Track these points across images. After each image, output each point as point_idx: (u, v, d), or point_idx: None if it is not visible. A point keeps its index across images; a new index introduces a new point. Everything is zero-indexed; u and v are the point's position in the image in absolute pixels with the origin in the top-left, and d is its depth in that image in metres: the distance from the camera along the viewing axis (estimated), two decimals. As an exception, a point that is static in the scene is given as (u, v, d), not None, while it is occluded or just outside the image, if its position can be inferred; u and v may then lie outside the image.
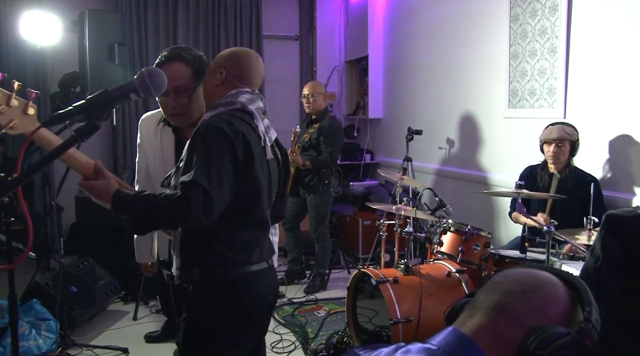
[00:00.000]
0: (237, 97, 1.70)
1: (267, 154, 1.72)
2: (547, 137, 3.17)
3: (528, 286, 0.85)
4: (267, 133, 1.76)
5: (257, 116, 1.71)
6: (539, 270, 0.89)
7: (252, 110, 1.70)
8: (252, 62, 1.79)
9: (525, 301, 0.83)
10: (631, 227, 1.44)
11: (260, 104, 1.76)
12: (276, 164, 1.84)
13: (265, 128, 1.75)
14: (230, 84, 1.74)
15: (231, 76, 1.75)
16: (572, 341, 0.78)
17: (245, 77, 1.77)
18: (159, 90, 1.16)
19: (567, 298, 0.85)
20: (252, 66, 1.79)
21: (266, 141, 1.73)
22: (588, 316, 0.80)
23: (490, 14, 4.02)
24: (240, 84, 1.75)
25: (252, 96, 1.74)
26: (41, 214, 4.46)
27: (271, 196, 1.81)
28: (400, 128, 5.13)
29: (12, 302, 2.01)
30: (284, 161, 1.92)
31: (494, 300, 0.86)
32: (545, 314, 0.82)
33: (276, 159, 1.84)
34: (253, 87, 1.79)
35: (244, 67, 1.77)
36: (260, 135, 1.69)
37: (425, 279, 2.82)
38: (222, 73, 1.75)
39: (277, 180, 1.86)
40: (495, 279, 0.91)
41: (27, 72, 5.06)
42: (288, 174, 1.96)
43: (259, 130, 1.69)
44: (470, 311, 0.89)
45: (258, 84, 1.83)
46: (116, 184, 1.53)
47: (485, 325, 0.84)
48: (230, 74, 1.75)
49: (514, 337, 0.81)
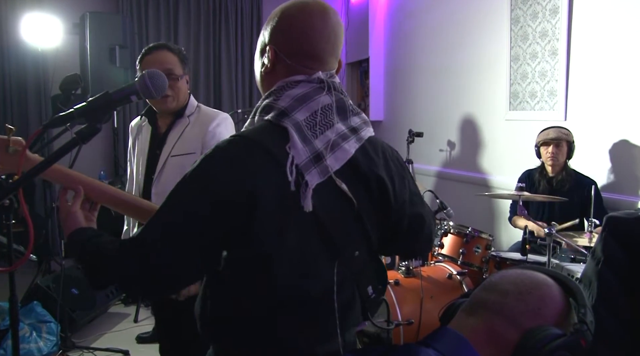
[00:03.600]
0: (280, 95, 1.09)
1: (305, 204, 1.02)
2: (545, 138, 3.19)
3: (524, 287, 0.86)
4: (323, 159, 1.04)
5: (294, 136, 1.03)
6: (534, 272, 0.89)
7: (289, 125, 1.04)
8: (314, 21, 1.11)
9: (521, 302, 0.84)
10: (632, 229, 1.44)
11: (326, 99, 1.10)
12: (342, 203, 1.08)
13: (315, 152, 1.04)
14: (285, 69, 1.12)
15: (284, 55, 1.12)
16: (567, 342, 0.78)
17: (307, 51, 1.11)
18: (160, 92, 1.16)
19: (562, 300, 0.85)
20: (315, 29, 1.11)
21: (307, 181, 1.02)
22: (583, 318, 0.81)
23: (491, 16, 4.02)
24: (300, 65, 1.11)
25: (309, 87, 1.10)
26: (42, 217, 4.46)
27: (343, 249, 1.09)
28: (401, 130, 5.13)
29: (13, 304, 2.01)
30: (382, 189, 1.15)
31: (490, 301, 0.86)
32: (540, 315, 0.82)
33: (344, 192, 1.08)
34: (323, 66, 1.13)
35: (301, 35, 1.11)
36: (289, 172, 1.01)
37: (426, 281, 2.82)
38: (271, 52, 1.13)
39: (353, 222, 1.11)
40: (491, 280, 0.91)
41: (28, 75, 5.07)
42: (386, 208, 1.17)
43: (288, 165, 1.01)
44: (465, 312, 0.89)
45: (332, 55, 1.15)
46: (82, 222, 1.17)
47: (481, 325, 0.84)
48: (281, 50, 1.12)
49: (510, 338, 0.82)
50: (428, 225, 1.28)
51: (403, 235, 1.24)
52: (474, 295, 0.91)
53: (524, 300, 0.84)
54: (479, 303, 0.88)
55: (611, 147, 3.15)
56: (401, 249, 1.36)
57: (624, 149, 3.08)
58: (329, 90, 1.11)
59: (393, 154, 1.24)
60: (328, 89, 1.11)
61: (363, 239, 1.13)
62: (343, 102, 1.13)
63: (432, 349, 0.82)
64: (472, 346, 0.81)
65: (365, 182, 1.12)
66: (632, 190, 3.07)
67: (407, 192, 1.22)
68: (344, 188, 1.06)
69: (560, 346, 0.78)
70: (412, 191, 1.25)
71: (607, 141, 3.16)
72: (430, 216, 1.30)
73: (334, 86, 1.13)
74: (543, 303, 0.84)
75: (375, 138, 1.20)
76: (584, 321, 0.81)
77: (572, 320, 0.84)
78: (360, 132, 1.14)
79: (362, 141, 1.13)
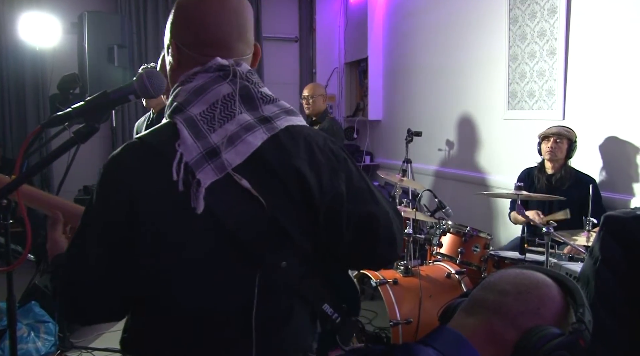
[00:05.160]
0: (179, 91, 1.02)
1: (196, 205, 0.92)
2: (547, 132, 3.21)
3: (523, 287, 0.86)
4: (219, 154, 0.95)
5: (184, 131, 0.95)
6: (533, 271, 0.89)
7: (178, 121, 0.97)
8: (209, 6, 1.02)
9: (520, 302, 0.84)
10: (630, 228, 1.44)
11: (226, 88, 1.00)
12: (247, 208, 0.96)
13: (209, 147, 0.95)
14: (191, 61, 1.03)
15: (184, 47, 1.03)
16: (566, 342, 0.79)
17: (206, 38, 1.02)
18: (158, 91, 1.16)
19: (560, 300, 0.86)
20: (211, 14, 1.01)
21: (199, 180, 0.92)
22: (581, 317, 0.81)
23: (490, 15, 4.03)
24: (202, 55, 1.02)
25: (206, 78, 1.00)
26: (40, 217, 4.46)
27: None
28: (399, 130, 5.13)
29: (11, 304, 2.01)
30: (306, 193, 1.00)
31: (489, 300, 0.87)
32: (539, 315, 0.83)
33: (252, 199, 0.95)
34: (228, 53, 1.03)
35: (198, 22, 1.02)
36: (174, 171, 0.92)
37: (424, 280, 2.82)
38: (172, 47, 1.05)
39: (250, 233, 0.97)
40: (490, 279, 0.91)
41: (26, 74, 5.07)
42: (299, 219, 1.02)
43: (175, 163, 0.93)
44: (464, 311, 0.89)
45: (239, 40, 1.05)
46: (62, 248, 1.16)
47: (480, 325, 0.84)
48: (182, 43, 1.03)
49: (508, 337, 0.82)
50: (385, 225, 1.07)
51: (349, 237, 1.04)
52: (473, 295, 0.91)
53: (523, 299, 0.84)
54: (479, 302, 0.88)
55: (609, 146, 3.16)
56: (357, 257, 1.11)
57: (621, 148, 3.08)
58: (231, 78, 1.00)
59: (326, 144, 1.06)
60: (229, 77, 1.00)
61: (290, 247, 0.99)
62: (248, 89, 1.01)
63: (431, 348, 0.82)
64: (472, 345, 0.82)
65: (277, 177, 0.98)
66: (627, 188, 3.08)
67: (343, 187, 1.03)
68: (245, 185, 0.94)
69: (559, 346, 0.78)
70: (355, 186, 1.05)
71: (606, 139, 3.17)
72: (388, 215, 1.09)
73: (239, 74, 1.01)
74: (542, 302, 0.84)
75: (301, 127, 1.05)
76: (582, 320, 0.81)
77: (570, 319, 0.84)
78: (275, 121, 1.01)
79: (276, 130, 1.00)
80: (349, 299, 1.07)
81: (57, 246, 1.17)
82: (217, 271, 0.95)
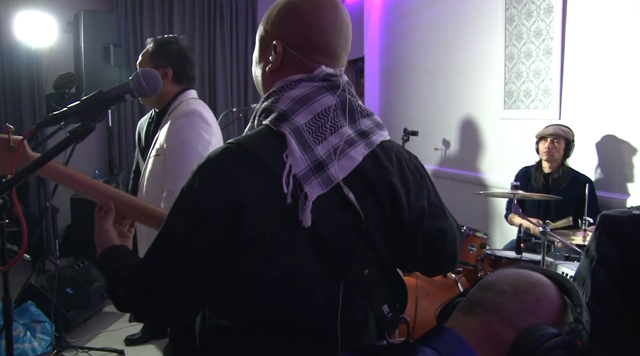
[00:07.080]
0: (279, 97, 0.99)
1: (303, 218, 0.92)
2: (544, 133, 3.22)
3: (520, 286, 0.86)
4: (325, 168, 0.94)
5: (292, 143, 0.93)
6: (531, 271, 0.90)
7: (286, 131, 0.94)
8: (325, 11, 1.01)
9: (518, 302, 0.84)
10: (625, 228, 1.45)
11: (329, 100, 0.99)
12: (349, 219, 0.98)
13: (316, 160, 0.95)
14: (296, 65, 1.01)
15: (292, 49, 1.01)
16: (563, 341, 0.79)
17: (319, 44, 1.01)
18: (154, 91, 1.16)
19: (558, 299, 0.86)
20: (327, 19, 1.01)
21: (307, 193, 0.92)
22: (578, 317, 0.81)
23: (486, 15, 4.03)
24: (311, 61, 1.01)
25: (310, 87, 0.99)
26: (36, 216, 4.45)
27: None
28: (396, 129, 5.13)
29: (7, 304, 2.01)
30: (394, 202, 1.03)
31: (487, 300, 0.87)
32: (536, 314, 0.83)
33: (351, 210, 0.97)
34: (335, 62, 1.04)
35: (313, 25, 1.00)
36: (284, 184, 0.91)
37: (421, 280, 2.82)
38: (277, 47, 1.01)
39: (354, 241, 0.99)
40: (488, 279, 0.91)
41: (22, 74, 5.05)
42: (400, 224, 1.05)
43: (284, 175, 0.91)
44: (462, 311, 0.90)
45: (344, 49, 1.06)
46: (113, 241, 1.12)
47: (478, 325, 0.85)
48: (289, 44, 1.01)
49: (506, 337, 0.82)
50: (451, 241, 1.13)
51: (421, 251, 1.09)
52: (470, 294, 0.91)
53: (520, 299, 0.84)
54: (476, 302, 0.88)
55: (605, 146, 3.17)
56: (421, 266, 1.17)
57: (617, 148, 3.09)
58: (334, 90, 1.01)
59: (411, 161, 1.12)
60: (333, 89, 1.01)
61: (373, 256, 1.00)
62: (350, 102, 1.02)
63: (429, 348, 0.82)
64: (469, 345, 0.82)
65: (374, 192, 1.00)
66: (622, 188, 3.10)
67: (425, 203, 1.09)
68: (352, 199, 0.95)
69: (556, 346, 0.78)
70: (432, 202, 1.11)
71: (601, 139, 3.18)
72: (454, 231, 1.15)
73: (341, 86, 1.02)
74: (539, 302, 0.84)
75: (391, 143, 1.09)
76: (579, 320, 0.81)
77: (568, 319, 0.84)
78: (371, 136, 1.03)
79: (373, 146, 1.02)
80: (401, 299, 1.13)
81: (107, 238, 1.13)
82: (307, 280, 0.96)
